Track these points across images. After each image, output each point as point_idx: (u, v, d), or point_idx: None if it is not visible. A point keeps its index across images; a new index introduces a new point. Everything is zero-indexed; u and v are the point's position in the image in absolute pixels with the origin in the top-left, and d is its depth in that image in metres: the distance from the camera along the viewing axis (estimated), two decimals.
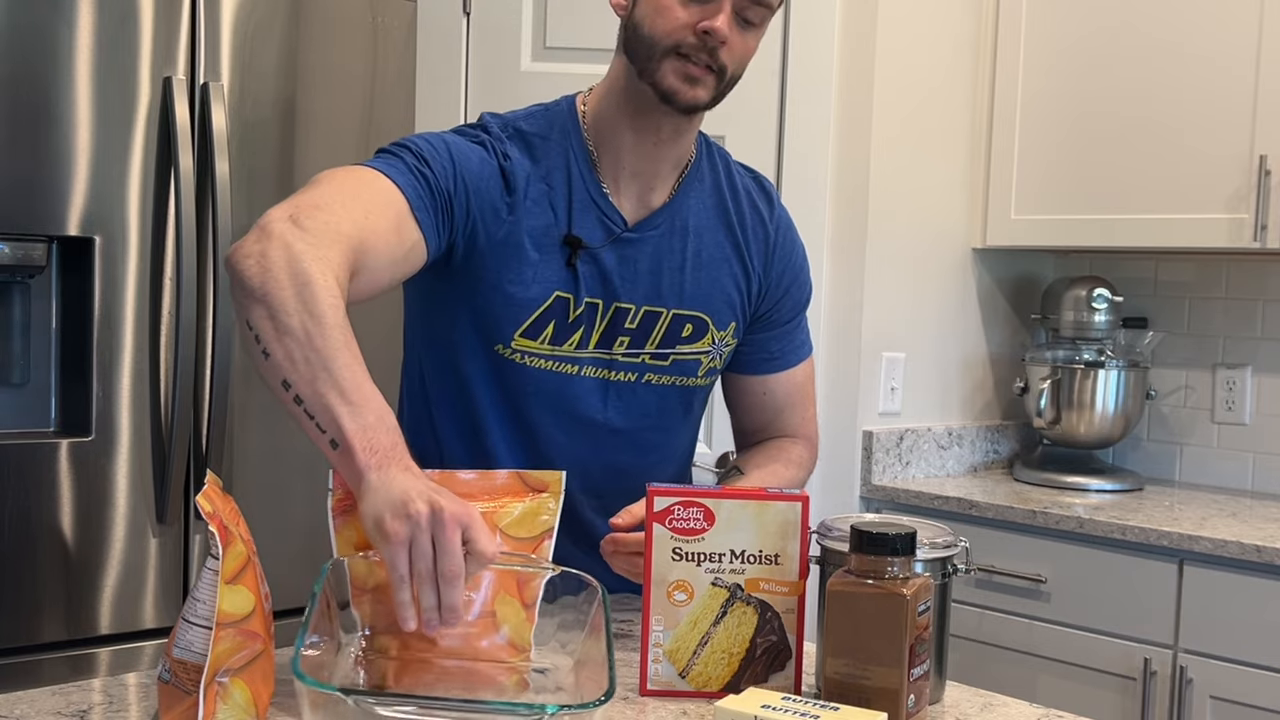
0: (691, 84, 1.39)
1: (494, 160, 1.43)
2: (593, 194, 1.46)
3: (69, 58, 2.10)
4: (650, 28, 1.39)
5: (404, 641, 1.15)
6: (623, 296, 1.48)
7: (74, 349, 2.18)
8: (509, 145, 1.45)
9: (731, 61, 1.40)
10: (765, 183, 1.61)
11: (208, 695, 1.03)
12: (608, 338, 1.48)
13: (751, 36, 1.42)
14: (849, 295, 2.69)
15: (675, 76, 1.39)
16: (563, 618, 1.17)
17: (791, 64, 2.62)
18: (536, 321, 1.45)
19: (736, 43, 1.39)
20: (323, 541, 1.21)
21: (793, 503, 1.21)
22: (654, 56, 1.39)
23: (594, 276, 1.46)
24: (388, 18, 2.47)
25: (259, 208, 2.31)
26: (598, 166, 1.48)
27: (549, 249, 1.45)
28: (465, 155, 1.41)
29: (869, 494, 2.74)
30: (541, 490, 1.25)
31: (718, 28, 1.36)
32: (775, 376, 1.63)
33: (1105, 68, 2.73)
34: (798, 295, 1.62)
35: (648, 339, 1.50)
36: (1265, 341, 2.83)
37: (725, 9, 1.37)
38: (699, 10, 1.37)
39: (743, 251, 1.55)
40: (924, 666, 1.13)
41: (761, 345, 1.61)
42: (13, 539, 2.08)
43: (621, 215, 1.48)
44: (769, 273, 1.57)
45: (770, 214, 1.58)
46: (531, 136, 1.47)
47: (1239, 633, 2.25)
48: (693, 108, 1.42)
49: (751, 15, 1.39)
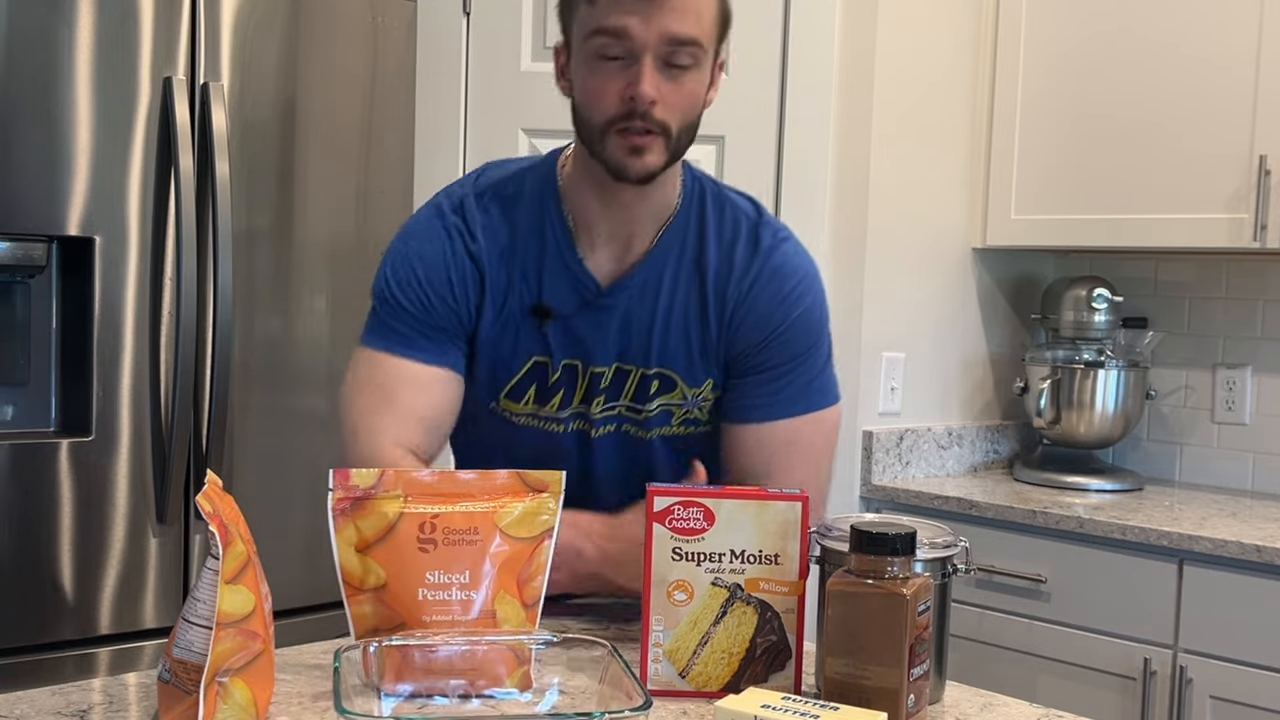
0: (638, 154, 1.35)
1: (461, 251, 1.45)
2: (567, 259, 1.45)
3: (69, 58, 2.10)
4: (585, 108, 1.37)
5: (404, 639, 1.15)
6: (597, 361, 1.47)
7: (74, 349, 2.18)
8: (479, 220, 1.45)
9: (673, 116, 1.35)
10: (763, 229, 1.50)
11: (208, 695, 1.03)
12: (588, 397, 1.50)
13: (690, 79, 1.35)
14: (849, 295, 2.69)
15: (620, 152, 1.35)
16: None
17: (791, 64, 2.62)
18: (517, 386, 1.48)
19: (671, 95, 1.34)
20: (323, 541, 1.21)
21: (793, 503, 1.21)
22: (595, 136, 1.37)
23: (568, 341, 1.47)
24: (388, 18, 2.47)
25: (259, 208, 2.32)
26: (574, 231, 1.46)
27: (524, 317, 1.47)
28: (438, 274, 1.45)
29: (869, 494, 2.74)
30: (541, 490, 1.25)
31: (641, 93, 1.31)
32: (757, 428, 1.48)
33: (1105, 68, 2.73)
34: (785, 344, 1.49)
35: (621, 393, 1.50)
36: (1265, 341, 2.83)
37: (646, 67, 1.32)
38: (622, 77, 1.33)
39: (708, 303, 1.47)
40: (924, 666, 1.13)
41: (741, 392, 1.50)
42: (13, 539, 2.08)
43: (595, 280, 1.46)
44: (734, 320, 1.47)
45: (751, 262, 1.48)
46: (509, 201, 1.47)
47: (1239, 633, 2.25)
48: (646, 177, 1.37)
49: (680, 59, 1.33)
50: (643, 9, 1.31)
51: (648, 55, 1.32)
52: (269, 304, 2.35)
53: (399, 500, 1.21)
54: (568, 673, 1.17)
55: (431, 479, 1.23)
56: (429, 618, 1.19)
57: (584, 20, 1.35)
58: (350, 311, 2.44)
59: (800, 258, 1.52)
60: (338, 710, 0.97)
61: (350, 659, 1.09)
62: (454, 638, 1.15)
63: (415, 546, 1.20)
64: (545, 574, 1.24)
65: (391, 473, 1.22)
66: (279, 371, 2.37)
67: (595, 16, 1.33)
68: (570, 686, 1.16)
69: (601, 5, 1.32)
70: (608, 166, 1.37)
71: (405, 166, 2.53)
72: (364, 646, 1.11)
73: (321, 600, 2.31)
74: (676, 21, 1.32)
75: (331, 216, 2.43)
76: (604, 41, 1.32)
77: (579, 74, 1.38)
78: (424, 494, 1.22)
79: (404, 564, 1.19)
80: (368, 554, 1.20)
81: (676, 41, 1.32)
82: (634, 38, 1.31)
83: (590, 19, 1.34)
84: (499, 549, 1.21)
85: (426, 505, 1.21)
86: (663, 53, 1.32)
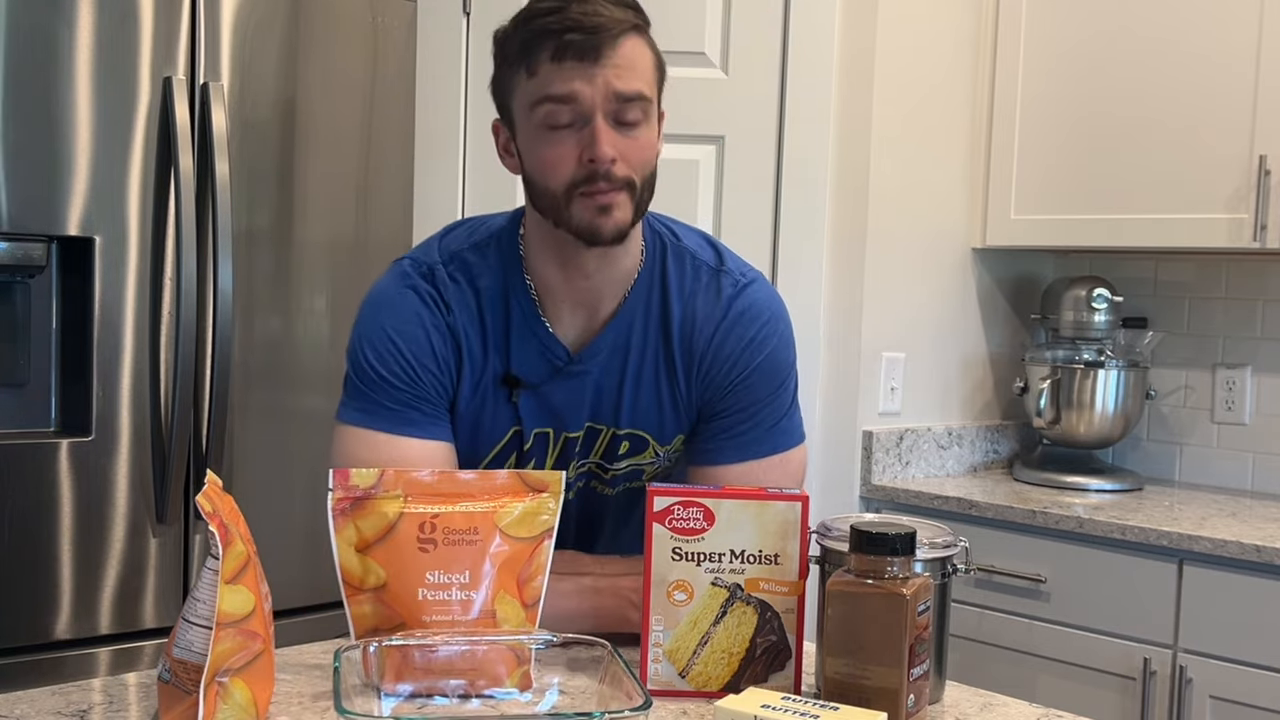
0: (606, 213, 1.33)
1: (440, 320, 1.43)
2: (533, 327, 1.43)
3: (69, 58, 2.10)
4: (542, 179, 1.35)
5: (404, 639, 1.15)
6: (570, 427, 1.47)
7: (74, 349, 2.18)
8: (451, 290, 1.43)
9: (634, 170, 1.34)
10: (723, 276, 1.48)
11: (208, 695, 1.03)
12: (562, 462, 1.48)
13: (643, 132, 1.34)
14: (849, 295, 2.69)
15: (588, 213, 1.33)
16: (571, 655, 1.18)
17: (791, 64, 2.62)
18: (497, 456, 1.47)
19: (629, 149, 1.33)
20: (323, 541, 1.21)
21: (792, 503, 1.21)
22: (559, 204, 1.34)
23: (540, 410, 1.46)
24: (388, 18, 2.48)
25: (259, 208, 2.32)
26: (539, 301, 1.44)
27: (497, 388, 1.45)
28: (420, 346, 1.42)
29: (869, 494, 2.74)
30: (541, 490, 1.25)
31: (600, 153, 1.30)
32: (726, 469, 1.46)
33: (1105, 68, 2.73)
34: (751, 388, 1.47)
35: (591, 451, 1.49)
36: (1265, 341, 2.83)
37: (599, 128, 1.31)
38: (576, 142, 1.32)
39: (675, 359, 1.46)
40: (924, 666, 1.13)
41: (707, 435, 1.48)
42: (13, 539, 2.08)
43: (564, 347, 1.44)
44: (702, 370, 1.46)
45: (714, 310, 1.46)
46: (474, 270, 1.45)
47: (1239, 633, 2.25)
48: (619, 235, 1.36)
49: (629, 115, 1.32)
50: (586, 71, 1.30)
51: (598, 115, 1.31)
52: (269, 304, 2.35)
53: (399, 500, 1.21)
54: (568, 673, 1.17)
55: (431, 479, 1.23)
56: (429, 618, 1.19)
57: (526, 92, 1.34)
58: (350, 311, 2.44)
59: (764, 300, 1.50)
60: (338, 710, 0.97)
61: (350, 659, 1.09)
62: (454, 638, 1.15)
63: (415, 546, 1.20)
64: (545, 574, 1.24)
65: (391, 473, 1.23)
66: (279, 371, 2.37)
67: (539, 86, 1.32)
68: (570, 686, 1.16)
69: (543, 74, 1.31)
70: (577, 232, 1.35)
71: (405, 166, 2.53)
72: (364, 646, 1.11)
73: (321, 600, 2.31)
74: (621, 79, 1.31)
75: (331, 216, 2.43)
76: (551, 109, 1.31)
77: (529, 146, 1.36)
78: (424, 494, 1.22)
79: (404, 564, 1.19)
80: (368, 554, 1.20)
81: (624, 98, 1.32)
82: (582, 100, 1.31)
83: (534, 90, 1.32)
84: (499, 549, 1.21)
85: (426, 505, 1.21)
86: (612, 110, 1.32)
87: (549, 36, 1.30)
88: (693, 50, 2.59)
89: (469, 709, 1.14)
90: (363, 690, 1.10)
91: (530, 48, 1.32)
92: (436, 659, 1.14)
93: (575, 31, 1.29)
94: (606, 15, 1.31)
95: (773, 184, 2.63)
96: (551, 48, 1.30)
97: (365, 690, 1.10)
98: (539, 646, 1.17)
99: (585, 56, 1.30)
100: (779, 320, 1.50)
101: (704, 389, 1.47)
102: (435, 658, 1.14)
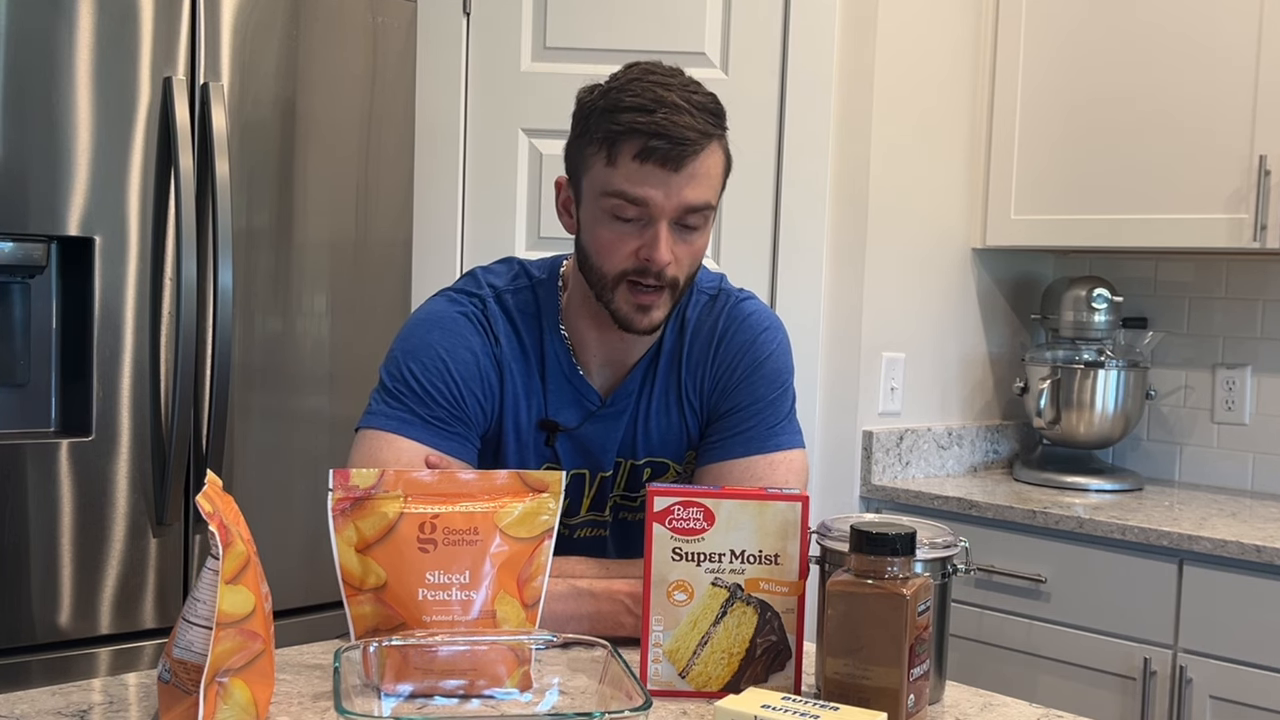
0: (645, 311, 1.40)
1: (489, 349, 1.46)
2: (568, 374, 1.49)
3: (69, 58, 2.10)
4: (596, 258, 1.41)
5: (404, 639, 1.15)
6: (604, 466, 1.52)
7: (74, 349, 2.18)
8: (500, 323, 1.47)
9: (682, 272, 1.41)
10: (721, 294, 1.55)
11: (208, 695, 1.03)
12: (598, 502, 1.53)
13: (700, 237, 1.41)
14: (849, 295, 2.69)
15: (628, 306, 1.40)
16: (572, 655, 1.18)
17: (791, 64, 2.62)
18: None
19: (683, 253, 1.39)
20: (323, 541, 1.21)
21: (792, 503, 1.21)
22: (605, 285, 1.41)
23: (575, 452, 1.50)
24: (388, 18, 2.47)
25: (259, 208, 2.32)
26: (572, 348, 1.50)
27: (533, 429, 1.49)
28: (469, 368, 1.44)
29: (869, 494, 2.74)
30: (541, 490, 1.25)
31: (658, 258, 1.36)
32: (720, 465, 1.50)
33: (1105, 69, 2.73)
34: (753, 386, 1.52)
35: (614, 484, 1.54)
36: (1265, 341, 2.83)
37: (662, 232, 1.36)
38: (637, 237, 1.37)
39: (685, 383, 1.52)
40: (924, 666, 1.13)
41: (710, 436, 1.53)
42: (13, 539, 2.08)
43: (597, 393, 1.50)
44: (710, 379, 1.52)
45: (716, 322, 1.53)
46: (515, 313, 1.49)
47: (1239, 633, 2.25)
48: (651, 329, 1.43)
49: (692, 221, 1.38)
50: (665, 181, 1.34)
51: (664, 222, 1.36)
52: (269, 304, 2.35)
53: (399, 500, 1.21)
54: (568, 673, 1.17)
55: (431, 479, 1.23)
56: (429, 618, 1.19)
57: (600, 178, 1.37)
58: (350, 311, 2.45)
59: (763, 311, 1.56)
60: (338, 710, 0.97)
61: (350, 659, 1.09)
62: (454, 638, 1.15)
63: (415, 546, 1.20)
64: (545, 574, 1.24)
65: (391, 473, 1.23)
66: (279, 371, 2.37)
67: (615, 180, 1.36)
68: (570, 686, 1.16)
69: (623, 171, 1.35)
70: (615, 317, 1.42)
71: (405, 167, 2.53)
72: (364, 646, 1.11)
73: (321, 600, 2.31)
74: (695, 191, 1.36)
75: (331, 216, 2.42)
76: (620, 204, 1.36)
77: (591, 223, 1.41)
78: (424, 494, 1.22)
79: (404, 564, 1.19)
80: (368, 554, 1.20)
81: (691, 209, 1.37)
82: (654, 206, 1.35)
83: (610, 180, 1.36)
84: (499, 549, 1.21)
85: (426, 505, 1.21)
86: (678, 218, 1.37)
87: (637, 137, 1.34)
88: (693, 50, 2.59)
89: (469, 709, 1.14)
90: (363, 690, 1.10)
91: (615, 139, 1.35)
92: (436, 659, 1.14)
93: (663, 139, 1.33)
94: (694, 129, 1.35)
95: (773, 184, 2.63)
96: (637, 148, 1.34)
97: (365, 690, 1.10)
98: (539, 646, 1.17)
99: (667, 164, 1.34)
100: (778, 330, 1.55)
101: (710, 392, 1.51)
102: (435, 658, 1.14)
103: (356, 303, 2.46)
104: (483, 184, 2.63)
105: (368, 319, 2.46)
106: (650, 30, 2.60)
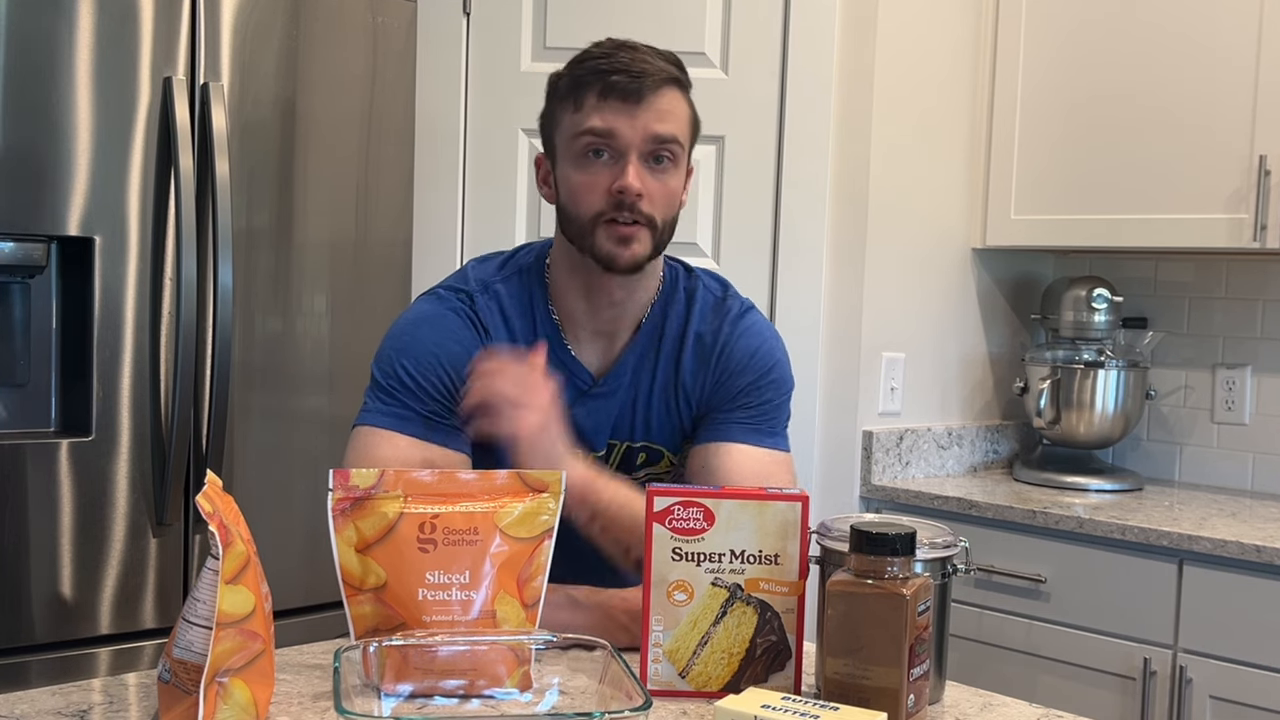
0: (625, 244, 1.44)
1: (478, 339, 1.49)
2: (559, 354, 1.52)
3: (69, 58, 2.10)
4: (574, 206, 1.46)
5: (404, 639, 1.15)
6: (596, 447, 1.54)
7: (74, 349, 2.18)
8: (488, 315, 1.51)
9: (656, 209, 1.45)
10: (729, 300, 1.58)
11: (208, 695, 1.03)
12: None
13: (671, 176, 1.46)
14: (849, 295, 2.69)
15: (609, 242, 1.44)
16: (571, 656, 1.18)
17: (791, 64, 2.62)
18: None
19: (655, 189, 1.44)
20: (323, 541, 1.21)
21: (793, 503, 1.21)
22: (585, 231, 1.45)
23: (567, 432, 1.49)
24: (388, 18, 2.48)
25: (259, 208, 2.32)
26: (562, 328, 1.53)
27: None
28: (460, 362, 1.46)
29: (869, 494, 2.74)
30: (541, 490, 1.25)
31: (628, 184, 1.42)
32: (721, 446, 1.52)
33: (1105, 69, 2.73)
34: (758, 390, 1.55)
35: (607, 465, 1.55)
36: (1265, 341, 2.83)
37: (631, 162, 1.42)
38: (609, 174, 1.43)
39: (684, 376, 1.54)
40: (924, 666, 1.13)
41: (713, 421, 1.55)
42: (13, 539, 2.08)
43: (588, 371, 1.53)
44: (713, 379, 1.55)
45: (722, 326, 1.56)
46: (505, 300, 1.53)
47: (1239, 633, 2.25)
48: (634, 266, 1.46)
49: (661, 154, 1.44)
50: (629, 111, 1.42)
51: (633, 153, 1.43)
52: (269, 304, 2.35)
53: (399, 500, 1.21)
54: (568, 673, 1.17)
55: (431, 479, 1.23)
56: (429, 618, 1.19)
57: (570, 124, 1.45)
58: (350, 311, 2.45)
59: (766, 324, 1.61)
60: (338, 710, 0.97)
61: (350, 659, 1.09)
62: (454, 638, 1.15)
63: (415, 546, 1.20)
64: (545, 574, 1.24)
65: (391, 473, 1.23)
66: (279, 371, 2.37)
67: (583, 120, 1.44)
68: (570, 686, 1.16)
69: (588, 109, 1.43)
70: (597, 258, 1.45)
71: (405, 167, 2.53)
72: (364, 646, 1.11)
73: (321, 600, 2.31)
74: (659, 122, 1.43)
75: (331, 216, 2.43)
76: (591, 140, 1.43)
77: (565, 174, 1.47)
78: (424, 494, 1.22)
79: (404, 564, 1.19)
80: (368, 554, 1.20)
81: (659, 140, 1.44)
82: (620, 137, 1.42)
83: (578, 122, 1.44)
84: (499, 549, 1.21)
85: (426, 505, 1.21)
86: (646, 150, 1.44)
87: (597, 77, 1.43)
88: (693, 50, 2.59)
89: (469, 709, 1.14)
90: (363, 690, 1.10)
91: (579, 85, 1.45)
92: (436, 659, 1.14)
93: (622, 74, 1.42)
94: (652, 65, 1.44)
95: (773, 184, 2.63)
96: (599, 87, 1.43)
97: (365, 690, 1.10)
98: (539, 646, 1.17)
99: (628, 98, 1.42)
100: (779, 341, 1.62)
101: (714, 393, 1.54)
102: (435, 658, 1.14)
103: (356, 303, 2.46)
104: (483, 184, 2.63)
105: (368, 319, 2.46)
106: (650, 30, 2.58)
